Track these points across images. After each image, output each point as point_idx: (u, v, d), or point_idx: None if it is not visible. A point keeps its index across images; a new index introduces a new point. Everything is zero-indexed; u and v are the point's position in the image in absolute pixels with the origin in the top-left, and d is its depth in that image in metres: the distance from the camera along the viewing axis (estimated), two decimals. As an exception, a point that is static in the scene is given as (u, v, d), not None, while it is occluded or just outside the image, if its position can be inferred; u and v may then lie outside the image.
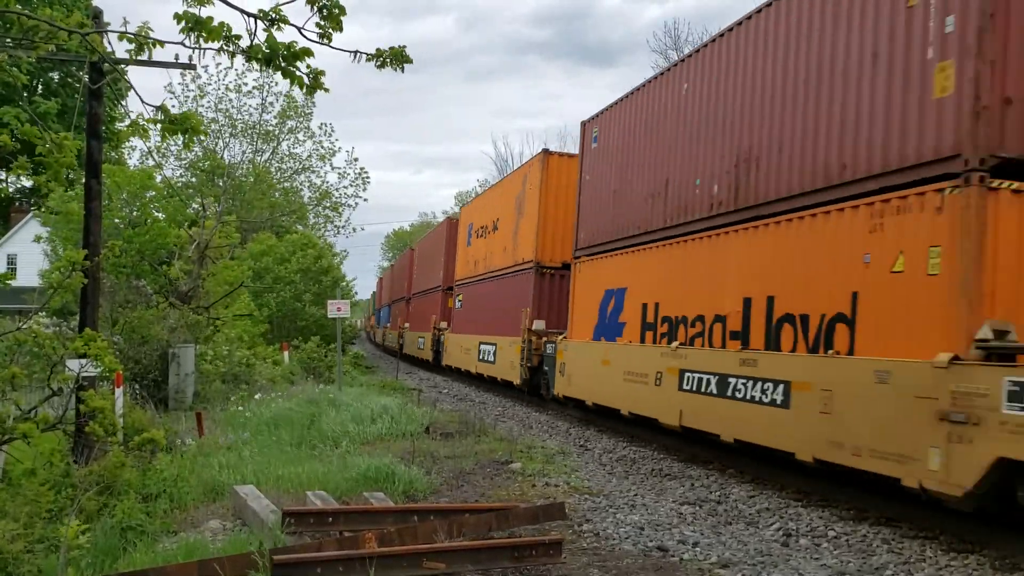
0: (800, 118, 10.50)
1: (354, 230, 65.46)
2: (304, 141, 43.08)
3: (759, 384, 10.64)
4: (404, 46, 5.08)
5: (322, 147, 43.02)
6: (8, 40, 6.08)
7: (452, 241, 30.81)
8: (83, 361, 7.86)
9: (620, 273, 15.39)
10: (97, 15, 11.02)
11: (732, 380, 11.17)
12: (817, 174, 10.07)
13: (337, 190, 44.47)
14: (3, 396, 8.07)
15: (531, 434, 15.34)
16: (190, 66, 14.72)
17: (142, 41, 5.41)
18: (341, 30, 4.85)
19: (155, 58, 11.63)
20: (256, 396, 17.20)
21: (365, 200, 68.67)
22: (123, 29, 5.52)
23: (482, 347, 24.05)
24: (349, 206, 44.62)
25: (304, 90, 5.10)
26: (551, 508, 8.48)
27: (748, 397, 10.82)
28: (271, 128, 41.28)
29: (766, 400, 10.43)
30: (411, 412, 16.01)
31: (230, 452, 11.26)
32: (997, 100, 7.96)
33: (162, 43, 5.37)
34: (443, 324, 30.37)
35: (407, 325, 40.04)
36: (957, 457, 7.51)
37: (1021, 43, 7.96)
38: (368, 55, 5.03)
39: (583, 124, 18.09)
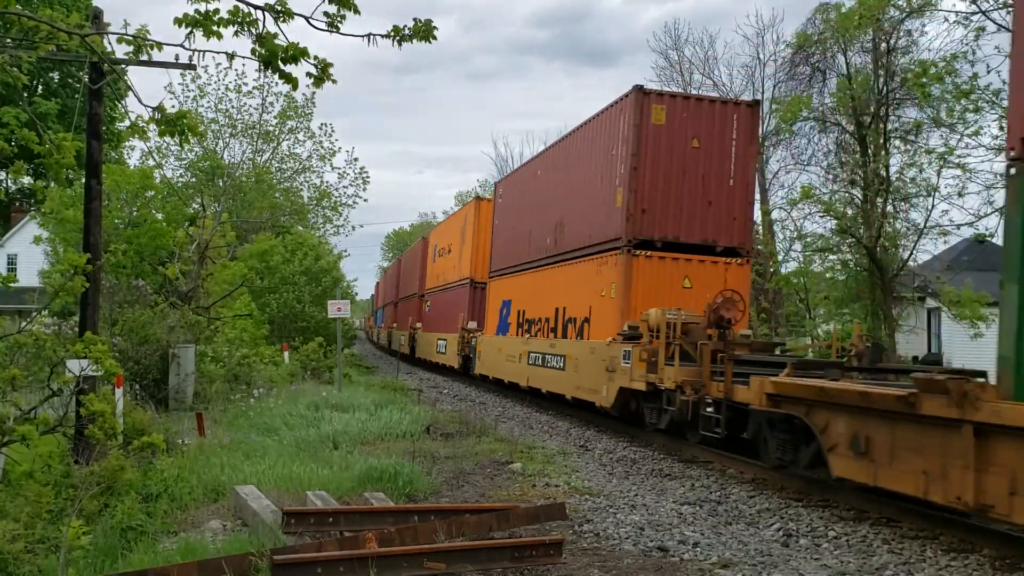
0: (577, 205, 17.73)
1: (353, 228, 65.62)
2: (304, 141, 43.06)
3: (556, 358, 18.05)
4: (430, 19, 4.80)
5: (322, 147, 43.01)
6: (8, 41, 6.08)
7: (425, 257, 37.76)
8: (83, 363, 7.85)
9: (509, 289, 22.75)
10: (97, 15, 11.00)
11: (547, 356, 18.61)
12: (581, 238, 17.31)
13: (337, 190, 44.47)
14: (3, 397, 8.07)
15: (531, 434, 15.34)
16: (190, 66, 14.70)
17: (140, 44, 5.39)
18: (358, 12, 4.69)
19: (157, 58, 11.59)
20: (256, 393, 17.19)
21: (365, 200, 68.61)
22: (123, 31, 5.51)
23: (439, 342, 31.46)
24: (349, 206, 44.63)
25: (312, 82, 4.96)
26: (551, 508, 8.49)
27: (552, 365, 18.25)
28: (271, 128, 41.25)
29: (558, 366, 17.85)
30: (411, 412, 16.03)
31: (231, 452, 11.26)
32: (638, 210, 15.05)
33: (160, 45, 5.34)
34: (418, 324, 37.38)
35: (395, 325, 46.80)
36: (609, 388, 14.69)
37: (648, 182, 15.01)
38: (383, 34, 4.80)
39: (496, 184, 26.50)
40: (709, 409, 11.51)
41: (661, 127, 15.07)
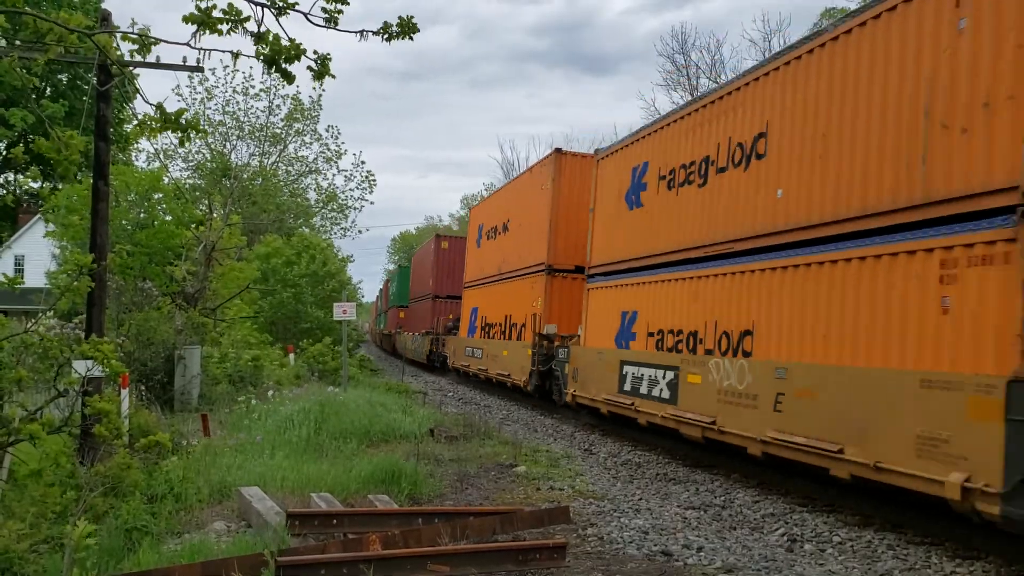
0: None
1: (360, 232, 65.86)
2: (311, 143, 43.15)
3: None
4: (411, 16, 5.07)
5: (328, 149, 43.11)
6: (18, 42, 6.12)
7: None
8: (89, 363, 7.87)
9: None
10: (106, 17, 11.05)
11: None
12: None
13: (343, 192, 44.57)
14: (9, 398, 8.09)
15: (536, 438, 15.33)
16: (197, 68, 14.72)
17: (145, 42, 5.45)
18: (347, 2, 4.88)
19: (164, 60, 11.60)
20: (267, 395, 17.19)
21: (371, 203, 68.83)
22: (130, 30, 5.55)
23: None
24: (355, 208, 44.72)
25: (312, 76, 5.14)
26: (555, 512, 8.48)
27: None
28: (278, 131, 41.34)
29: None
30: (416, 414, 16.03)
31: (235, 453, 11.28)
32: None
33: (158, 41, 5.41)
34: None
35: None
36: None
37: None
38: (374, 31, 5.04)
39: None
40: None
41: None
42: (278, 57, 4.88)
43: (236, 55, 4.99)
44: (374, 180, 44.35)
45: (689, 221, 12.83)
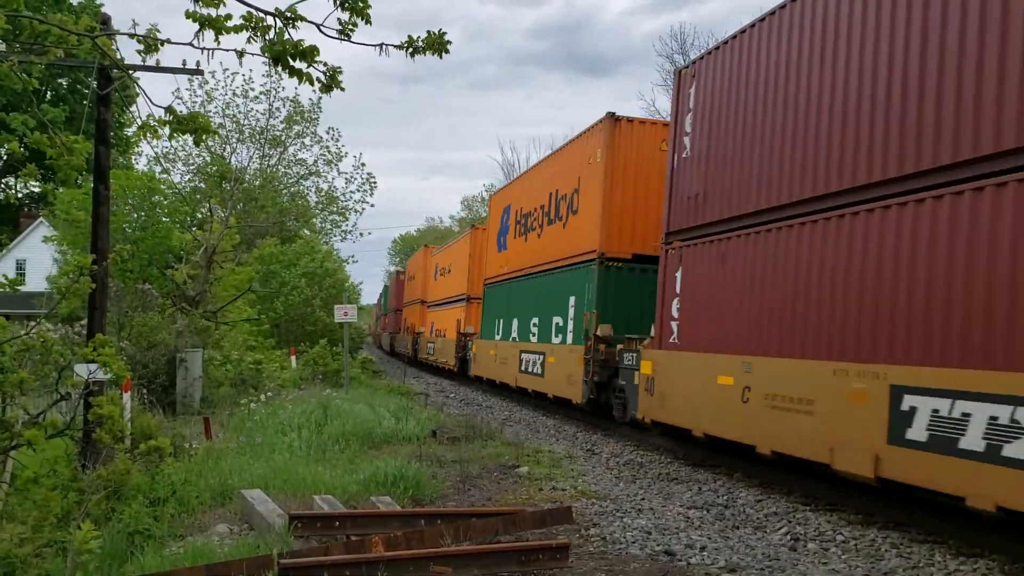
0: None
1: (361, 235, 65.98)
2: (311, 146, 43.09)
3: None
4: (443, 31, 4.67)
5: (328, 152, 43.08)
6: (17, 46, 6.11)
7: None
8: (92, 367, 7.86)
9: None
10: (106, 20, 11.05)
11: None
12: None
13: (344, 195, 44.56)
14: (12, 401, 8.09)
15: (538, 438, 15.33)
16: (197, 72, 14.73)
17: (151, 43, 5.40)
18: (369, 22, 4.56)
19: (164, 64, 11.57)
20: (263, 398, 17.20)
21: (372, 205, 68.99)
22: (131, 31, 5.52)
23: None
24: (356, 211, 44.68)
25: (319, 88, 4.87)
26: (558, 512, 8.47)
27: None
28: (278, 133, 41.30)
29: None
30: (418, 416, 16.02)
31: (238, 456, 11.27)
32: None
33: (164, 43, 5.34)
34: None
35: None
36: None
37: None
38: (396, 45, 4.68)
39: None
40: None
41: None
42: (283, 55, 4.68)
43: (241, 53, 4.81)
44: (374, 182, 44.30)
45: (441, 289, 34.73)
